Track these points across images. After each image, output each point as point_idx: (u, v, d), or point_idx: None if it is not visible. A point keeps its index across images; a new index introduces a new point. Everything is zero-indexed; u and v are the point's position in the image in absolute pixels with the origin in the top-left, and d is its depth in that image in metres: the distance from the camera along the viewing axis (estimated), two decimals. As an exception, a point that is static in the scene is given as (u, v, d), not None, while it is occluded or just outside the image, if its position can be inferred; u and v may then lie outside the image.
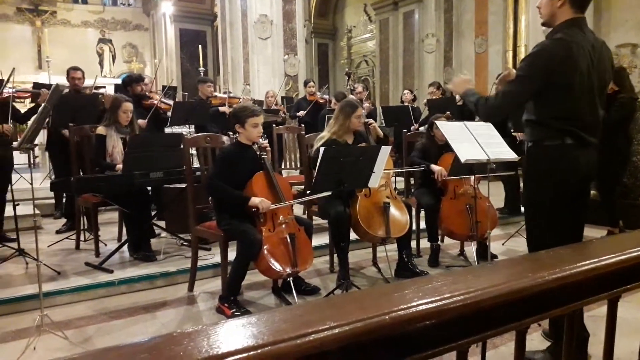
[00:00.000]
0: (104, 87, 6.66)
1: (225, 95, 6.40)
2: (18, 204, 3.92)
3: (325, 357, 0.73)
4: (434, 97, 6.87)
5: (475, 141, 2.79)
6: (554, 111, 2.24)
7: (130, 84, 5.62)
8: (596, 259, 1.10)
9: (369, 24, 14.34)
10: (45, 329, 2.75)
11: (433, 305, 0.81)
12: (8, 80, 3.88)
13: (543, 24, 2.36)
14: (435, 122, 3.70)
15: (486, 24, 10.85)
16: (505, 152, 2.89)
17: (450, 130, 2.88)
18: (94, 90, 5.52)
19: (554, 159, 2.28)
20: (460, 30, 11.44)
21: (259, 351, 0.66)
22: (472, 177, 3.71)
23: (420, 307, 0.80)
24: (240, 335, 0.69)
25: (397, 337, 0.82)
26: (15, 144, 2.90)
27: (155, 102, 5.48)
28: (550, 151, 2.28)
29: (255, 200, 3.05)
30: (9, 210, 4.30)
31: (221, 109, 6.01)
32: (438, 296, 0.83)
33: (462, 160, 2.78)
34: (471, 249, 4.13)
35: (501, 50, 10.45)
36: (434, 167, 3.95)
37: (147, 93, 5.83)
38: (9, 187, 4.27)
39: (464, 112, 5.66)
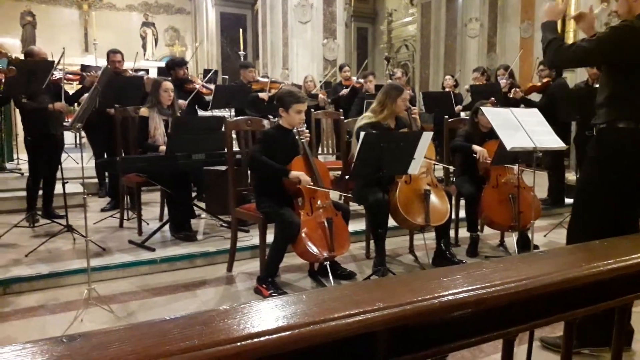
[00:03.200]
0: (147, 70, 6.79)
1: (267, 80, 6.40)
2: (67, 182, 4.08)
3: (373, 337, 0.73)
4: (477, 83, 6.69)
5: (522, 128, 2.71)
6: (634, 88, 2.21)
7: (173, 68, 5.70)
8: (653, 251, 1.06)
9: (410, 8, 14.04)
10: (92, 302, 2.86)
11: (484, 291, 0.80)
12: (59, 61, 4.01)
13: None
14: (481, 107, 3.61)
15: (533, 7, 10.45)
16: (552, 141, 2.80)
17: (496, 116, 2.81)
18: (132, 73, 5.61)
19: (624, 143, 2.25)
20: (505, 14, 11.07)
21: (310, 328, 0.66)
22: (516, 166, 3.62)
23: (470, 293, 0.79)
24: (291, 312, 0.69)
25: (445, 322, 0.81)
26: (66, 123, 3.01)
27: (197, 86, 5.55)
28: (622, 133, 2.25)
29: (295, 173, 3.09)
30: (57, 188, 4.47)
31: (261, 95, 5.99)
32: (488, 282, 0.82)
33: (508, 147, 2.71)
34: (511, 239, 4.04)
35: (548, 35, 10.05)
36: (475, 147, 3.84)
37: (189, 77, 5.90)
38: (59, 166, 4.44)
39: (508, 100, 5.50)
